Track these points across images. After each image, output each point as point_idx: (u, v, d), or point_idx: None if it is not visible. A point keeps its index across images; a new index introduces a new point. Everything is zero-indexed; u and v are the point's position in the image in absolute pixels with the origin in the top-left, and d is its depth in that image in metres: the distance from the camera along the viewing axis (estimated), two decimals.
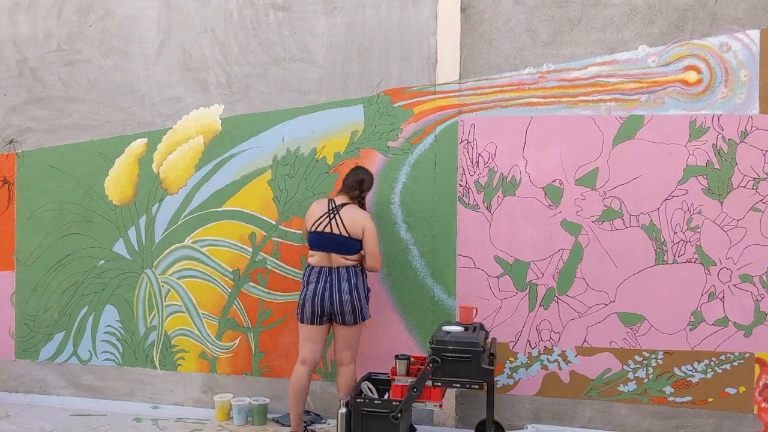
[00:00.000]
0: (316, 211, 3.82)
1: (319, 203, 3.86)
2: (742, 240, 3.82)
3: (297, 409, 3.82)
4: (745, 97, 3.80)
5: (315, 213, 3.82)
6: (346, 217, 3.74)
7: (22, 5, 4.76)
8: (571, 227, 3.99)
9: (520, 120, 4.04)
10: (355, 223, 3.72)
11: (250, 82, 4.42)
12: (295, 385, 3.79)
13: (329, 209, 3.78)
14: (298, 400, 3.80)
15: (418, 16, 4.15)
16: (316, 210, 3.83)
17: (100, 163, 4.67)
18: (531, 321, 4.06)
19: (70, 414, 4.42)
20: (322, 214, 3.78)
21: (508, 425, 4.06)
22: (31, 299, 4.81)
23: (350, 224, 3.72)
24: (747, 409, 3.85)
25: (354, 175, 3.87)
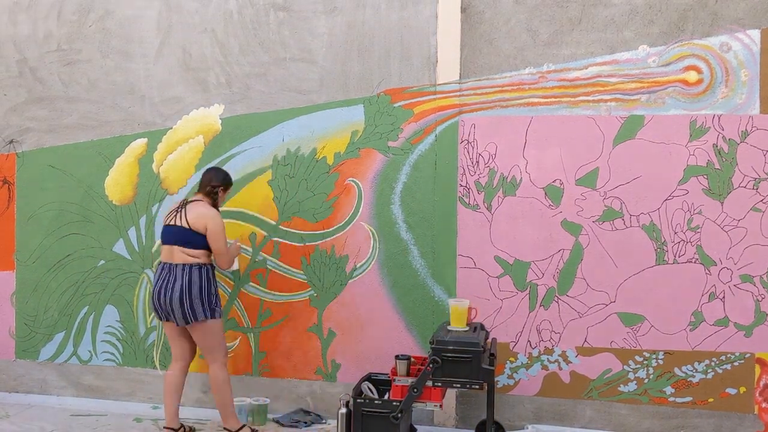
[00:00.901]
0: (169, 209, 3.93)
1: (174, 204, 3.96)
2: (742, 240, 3.82)
3: (169, 405, 3.89)
4: (746, 97, 3.80)
5: (167, 212, 3.92)
6: (190, 210, 3.78)
7: (22, 5, 4.76)
8: (571, 227, 3.99)
9: (521, 120, 4.04)
10: (197, 217, 3.74)
11: (250, 82, 4.42)
12: (166, 382, 3.88)
13: (179, 205, 3.85)
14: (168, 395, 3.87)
15: (419, 16, 4.15)
16: (170, 208, 3.94)
17: (100, 163, 4.66)
18: (531, 321, 4.06)
19: (70, 414, 4.42)
20: (172, 210, 3.87)
21: (508, 425, 4.06)
22: (31, 299, 4.81)
23: (193, 218, 3.74)
24: (747, 409, 3.84)
25: (206, 172, 3.94)
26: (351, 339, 4.28)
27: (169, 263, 3.78)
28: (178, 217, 3.79)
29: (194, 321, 3.72)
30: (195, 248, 3.76)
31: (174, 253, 3.77)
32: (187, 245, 3.75)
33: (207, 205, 3.83)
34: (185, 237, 3.75)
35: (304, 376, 4.36)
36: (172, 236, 3.78)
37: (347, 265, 4.27)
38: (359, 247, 4.25)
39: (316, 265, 4.31)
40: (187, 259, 3.75)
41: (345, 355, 4.30)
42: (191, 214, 3.77)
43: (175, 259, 3.76)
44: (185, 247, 3.75)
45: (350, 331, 4.28)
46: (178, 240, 3.76)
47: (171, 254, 3.78)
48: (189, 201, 3.86)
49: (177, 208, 3.84)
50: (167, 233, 3.82)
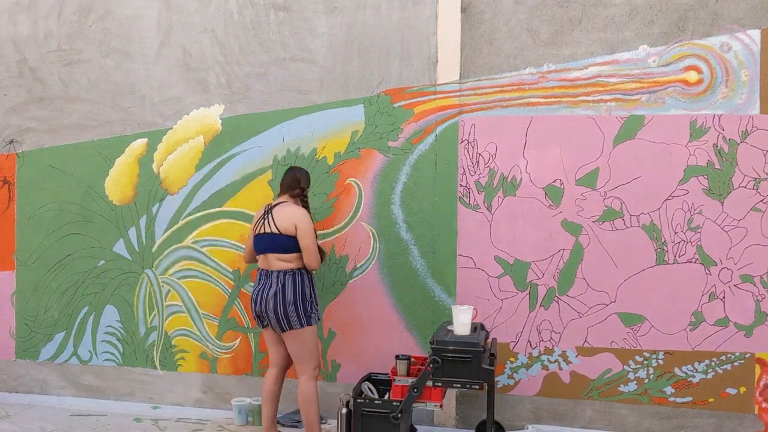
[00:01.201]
0: (257, 216, 3.80)
1: (259, 210, 3.83)
2: (742, 240, 3.82)
3: (265, 412, 3.79)
4: (746, 97, 3.80)
5: (255, 218, 3.80)
6: (277, 213, 3.66)
7: (22, 5, 4.76)
8: (571, 227, 3.99)
9: (521, 120, 4.04)
10: (285, 219, 3.62)
11: (251, 82, 4.42)
12: (264, 389, 3.78)
13: (265, 211, 3.75)
14: (265, 402, 3.78)
15: (419, 15, 4.15)
16: (257, 215, 3.80)
17: (101, 163, 4.66)
18: (531, 321, 4.06)
19: (70, 414, 4.42)
20: (260, 217, 3.75)
21: (508, 425, 4.06)
22: (32, 299, 4.81)
23: (280, 221, 3.62)
24: (747, 409, 3.84)
25: (291, 173, 3.79)
26: (351, 339, 4.28)
27: (266, 270, 3.69)
28: (266, 223, 3.68)
29: (289, 329, 3.60)
30: (288, 252, 3.63)
31: (269, 260, 3.67)
32: (280, 251, 3.62)
33: (291, 205, 3.72)
34: (276, 242, 3.63)
35: None
36: (265, 244, 3.66)
37: (347, 265, 4.27)
38: (359, 247, 4.25)
39: None
40: (282, 265, 3.64)
41: (345, 355, 4.30)
42: (278, 217, 3.65)
43: (272, 266, 3.66)
44: (278, 253, 3.64)
45: (350, 331, 4.28)
46: (270, 248, 3.65)
47: (267, 262, 3.68)
48: (274, 205, 3.73)
49: (263, 215, 3.73)
50: (259, 242, 3.69)
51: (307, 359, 3.64)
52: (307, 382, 3.64)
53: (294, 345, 3.63)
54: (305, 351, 3.64)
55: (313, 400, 3.63)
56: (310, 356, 3.65)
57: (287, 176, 3.79)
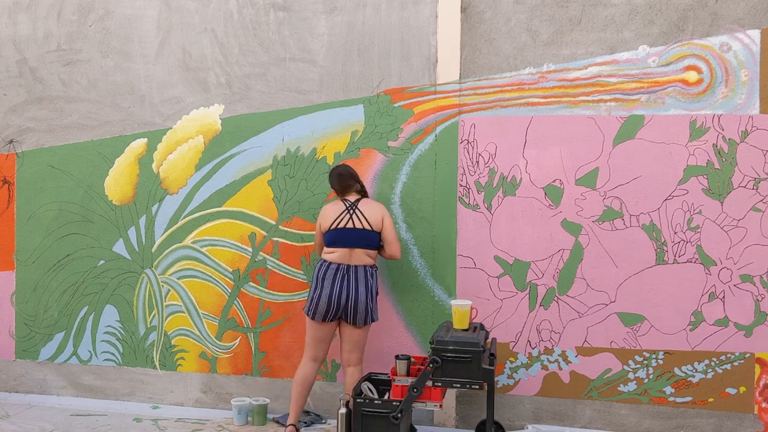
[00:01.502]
0: (332, 211, 3.82)
1: (333, 204, 3.86)
2: (742, 240, 3.82)
3: (299, 403, 3.85)
4: (746, 97, 3.80)
5: (331, 213, 3.81)
6: (366, 210, 3.78)
7: (22, 5, 4.76)
8: (571, 227, 3.99)
9: (521, 120, 4.04)
10: (374, 214, 3.78)
11: (250, 82, 4.42)
12: (301, 377, 3.82)
13: (347, 207, 3.80)
14: (301, 394, 3.84)
15: (419, 15, 4.15)
16: (331, 210, 3.83)
17: (100, 163, 4.67)
18: (531, 321, 4.06)
19: (70, 414, 4.42)
20: (341, 212, 3.79)
21: (508, 425, 4.06)
22: (31, 299, 4.81)
23: (371, 216, 3.77)
24: (747, 409, 3.84)
25: (344, 172, 3.88)
26: None
27: (346, 264, 3.75)
28: (356, 219, 3.75)
29: (372, 321, 3.80)
30: (375, 248, 3.82)
31: (355, 255, 3.75)
32: (369, 246, 3.77)
33: (372, 200, 3.91)
34: (367, 238, 3.76)
35: None
36: (354, 239, 3.75)
37: None
38: None
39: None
40: (368, 261, 3.78)
41: None
42: (368, 213, 3.77)
43: (354, 261, 3.75)
44: (367, 248, 3.77)
45: None
46: (360, 243, 3.75)
47: (350, 256, 3.75)
48: (354, 201, 3.81)
49: (346, 209, 3.79)
50: (346, 236, 3.75)
51: (363, 349, 3.88)
52: (360, 372, 3.86)
53: (363, 337, 3.83)
54: (365, 342, 3.88)
55: None
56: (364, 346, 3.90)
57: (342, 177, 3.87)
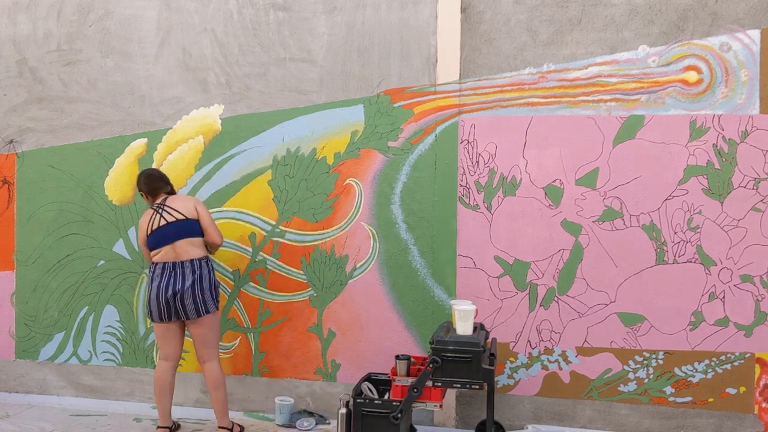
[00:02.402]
0: (144, 221, 3.91)
1: (143, 216, 3.95)
2: (742, 240, 3.82)
3: (164, 404, 3.91)
4: (746, 97, 3.80)
5: (144, 222, 3.90)
6: (175, 203, 3.86)
7: (22, 5, 4.76)
8: (571, 227, 3.99)
9: (521, 120, 4.04)
10: (185, 204, 3.85)
11: (250, 82, 4.42)
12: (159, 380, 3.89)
13: (154, 210, 3.87)
14: (164, 395, 3.90)
15: (419, 15, 4.15)
16: (143, 220, 3.92)
17: (100, 163, 4.66)
18: (531, 321, 4.06)
19: (70, 414, 4.42)
20: (150, 217, 3.86)
21: (508, 425, 4.06)
22: (31, 299, 4.81)
23: (182, 207, 3.84)
24: (747, 409, 3.84)
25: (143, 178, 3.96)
26: (351, 339, 4.28)
27: (171, 262, 3.80)
28: (165, 216, 3.82)
29: (205, 313, 3.79)
30: (198, 236, 3.85)
31: (179, 249, 3.80)
32: (192, 234, 3.82)
33: (180, 194, 4.03)
34: (186, 226, 3.81)
35: (304, 376, 4.36)
36: (171, 233, 3.80)
37: (347, 265, 4.27)
38: (359, 247, 4.25)
39: (315, 265, 4.32)
40: (194, 252, 3.81)
41: (345, 355, 4.30)
42: (177, 204, 3.85)
43: (181, 257, 3.80)
44: (191, 237, 3.82)
45: (350, 331, 4.28)
46: (181, 233, 3.80)
47: (174, 252, 3.80)
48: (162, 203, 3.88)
49: (154, 213, 3.85)
50: (162, 234, 3.81)
51: (216, 344, 3.91)
52: (219, 365, 3.90)
53: (207, 330, 3.84)
54: (215, 336, 3.90)
55: (224, 381, 3.90)
56: (217, 341, 3.93)
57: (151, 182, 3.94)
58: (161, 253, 3.82)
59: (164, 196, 3.94)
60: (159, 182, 3.96)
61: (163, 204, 3.87)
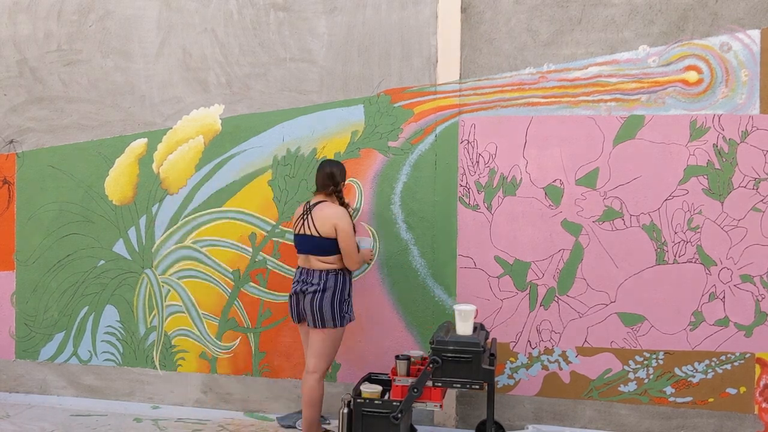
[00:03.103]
0: (296, 215, 3.84)
1: (300, 207, 3.86)
2: (742, 240, 3.82)
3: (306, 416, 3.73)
4: (746, 97, 3.80)
5: (295, 216, 3.83)
6: (317, 216, 3.66)
7: (22, 5, 4.76)
8: (571, 227, 3.99)
9: (521, 120, 4.04)
10: (325, 221, 3.62)
11: (251, 82, 4.42)
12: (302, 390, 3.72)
13: (304, 210, 3.77)
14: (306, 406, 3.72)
15: (419, 15, 4.15)
16: (296, 213, 3.85)
17: (100, 163, 4.66)
18: (531, 321, 4.06)
19: (70, 414, 4.42)
20: (299, 216, 3.78)
21: (508, 425, 4.06)
22: (31, 299, 4.81)
23: (320, 223, 3.63)
24: (748, 409, 3.84)
25: (322, 170, 3.75)
26: (351, 339, 4.28)
27: (306, 268, 3.72)
28: (306, 224, 3.69)
29: (322, 327, 3.63)
30: (329, 255, 3.65)
31: (310, 260, 3.71)
32: (321, 254, 3.66)
33: (330, 205, 3.70)
34: (316, 244, 3.65)
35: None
36: (305, 246, 3.70)
37: None
38: None
39: None
40: (322, 265, 3.67)
41: (345, 355, 4.30)
42: (317, 220, 3.64)
43: (312, 266, 3.70)
44: (319, 255, 3.66)
45: (350, 331, 4.28)
46: (311, 249, 3.68)
47: (308, 261, 3.72)
48: (313, 204, 3.72)
49: (302, 214, 3.74)
50: (300, 242, 3.73)
51: (325, 358, 3.69)
52: (319, 381, 3.69)
53: (319, 341, 3.66)
54: (328, 350, 3.69)
55: (320, 401, 3.70)
56: (328, 357, 3.71)
57: (320, 173, 3.76)
58: (300, 258, 3.77)
59: (321, 199, 3.73)
60: (326, 180, 3.72)
61: (310, 210, 3.70)
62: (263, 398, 4.41)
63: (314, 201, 3.75)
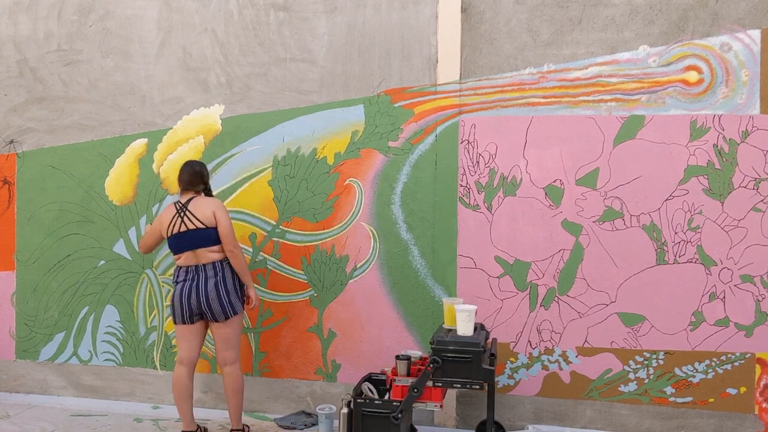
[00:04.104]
0: (165, 217, 3.81)
1: (167, 209, 3.84)
2: (742, 240, 3.82)
3: (185, 409, 3.82)
4: (746, 97, 3.79)
5: (165, 219, 3.80)
6: (196, 209, 3.73)
7: (22, 5, 4.76)
8: (571, 227, 3.99)
9: (521, 120, 4.04)
10: (204, 210, 3.72)
11: (251, 82, 4.42)
12: (177, 385, 3.81)
13: (177, 210, 3.77)
14: (183, 400, 3.82)
15: (419, 16, 4.15)
16: (165, 216, 3.81)
17: (101, 164, 4.67)
18: (532, 321, 4.06)
19: (70, 414, 4.42)
20: (172, 217, 3.77)
21: (508, 426, 4.06)
22: (32, 299, 4.81)
23: (201, 215, 3.71)
24: (748, 409, 3.84)
25: (189, 169, 3.83)
26: (351, 339, 4.28)
27: (194, 264, 3.74)
28: (187, 221, 3.72)
29: (233, 315, 3.72)
30: (216, 244, 3.74)
31: (199, 255, 3.73)
32: (208, 243, 3.72)
33: (203, 197, 3.82)
34: (205, 236, 3.71)
35: (305, 376, 4.36)
36: (191, 241, 3.71)
37: (347, 265, 4.27)
38: (359, 247, 4.25)
39: (316, 265, 4.32)
40: (214, 257, 3.73)
41: (345, 355, 4.30)
42: (198, 212, 3.72)
43: (201, 260, 3.73)
44: (207, 246, 3.72)
45: (350, 331, 4.28)
46: (198, 243, 3.71)
47: (195, 257, 3.74)
48: (186, 202, 3.77)
49: (176, 215, 3.75)
50: (182, 240, 3.73)
51: (238, 346, 3.84)
52: (239, 370, 3.83)
53: (231, 331, 3.77)
54: (238, 338, 3.83)
55: (243, 386, 3.86)
56: (239, 343, 3.85)
57: (186, 173, 3.83)
58: (183, 257, 3.77)
59: (192, 196, 3.81)
60: (196, 178, 3.83)
61: (185, 207, 3.75)
62: (263, 398, 4.42)
63: (185, 199, 3.80)
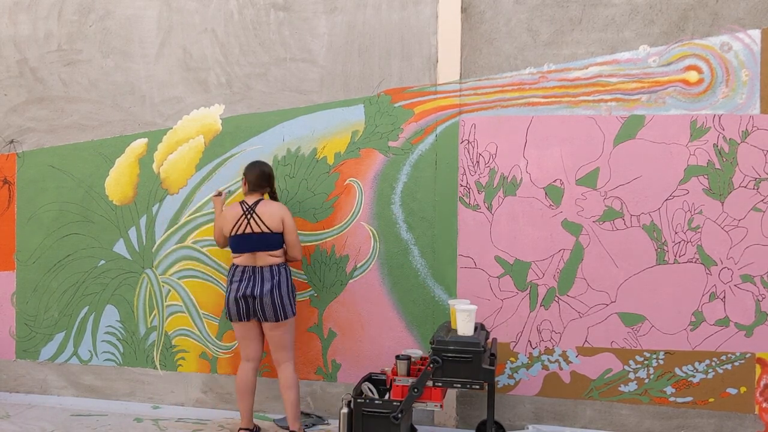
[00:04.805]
0: (231, 216, 3.84)
1: (232, 207, 3.88)
2: (743, 240, 3.82)
3: (246, 405, 3.90)
4: (746, 97, 3.79)
5: (230, 218, 3.84)
6: (263, 213, 3.79)
7: (22, 5, 4.76)
8: (571, 227, 3.99)
9: (521, 120, 4.04)
10: (273, 217, 3.78)
11: (251, 82, 4.42)
12: (241, 380, 3.89)
13: (243, 211, 3.81)
14: (247, 394, 3.90)
15: (419, 15, 4.15)
16: (230, 215, 3.85)
17: (101, 163, 4.66)
18: (532, 321, 4.06)
19: (70, 414, 4.42)
20: (239, 217, 3.81)
21: (508, 425, 4.06)
22: (32, 299, 4.81)
23: (269, 219, 3.78)
24: (748, 409, 3.84)
25: (258, 170, 3.90)
26: (351, 339, 4.28)
27: (251, 266, 3.79)
28: (253, 224, 3.77)
29: (284, 318, 3.78)
30: (277, 249, 3.82)
31: (258, 257, 3.79)
32: (270, 248, 3.79)
33: (271, 202, 3.89)
34: (266, 240, 3.78)
35: (305, 376, 4.36)
36: (255, 244, 3.77)
37: (347, 265, 4.27)
38: (359, 247, 4.25)
39: (316, 265, 4.32)
40: (272, 260, 3.79)
41: (345, 355, 4.30)
42: (266, 216, 3.78)
43: (260, 263, 3.79)
44: (270, 250, 3.78)
45: (350, 331, 4.28)
46: (261, 246, 3.77)
47: (254, 259, 3.79)
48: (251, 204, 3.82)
49: (243, 216, 3.79)
50: (246, 242, 3.78)
51: (292, 347, 3.90)
52: (293, 368, 3.88)
53: (282, 334, 3.83)
54: (291, 339, 3.89)
55: (297, 384, 3.88)
56: (293, 344, 3.92)
57: (252, 173, 3.89)
58: (242, 257, 3.81)
59: (258, 198, 3.87)
60: (263, 180, 3.90)
61: (253, 209, 3.80)
62: (263, 398, 4.41)
63: (252, 201, 3.84)
